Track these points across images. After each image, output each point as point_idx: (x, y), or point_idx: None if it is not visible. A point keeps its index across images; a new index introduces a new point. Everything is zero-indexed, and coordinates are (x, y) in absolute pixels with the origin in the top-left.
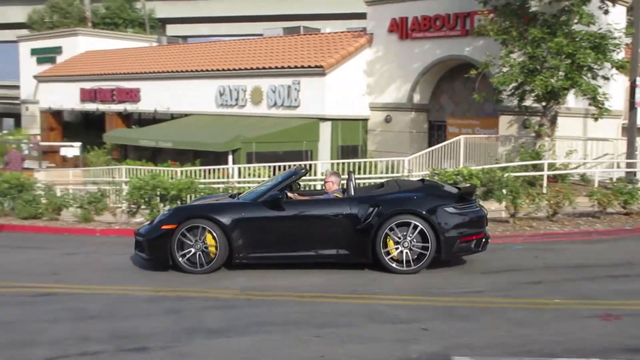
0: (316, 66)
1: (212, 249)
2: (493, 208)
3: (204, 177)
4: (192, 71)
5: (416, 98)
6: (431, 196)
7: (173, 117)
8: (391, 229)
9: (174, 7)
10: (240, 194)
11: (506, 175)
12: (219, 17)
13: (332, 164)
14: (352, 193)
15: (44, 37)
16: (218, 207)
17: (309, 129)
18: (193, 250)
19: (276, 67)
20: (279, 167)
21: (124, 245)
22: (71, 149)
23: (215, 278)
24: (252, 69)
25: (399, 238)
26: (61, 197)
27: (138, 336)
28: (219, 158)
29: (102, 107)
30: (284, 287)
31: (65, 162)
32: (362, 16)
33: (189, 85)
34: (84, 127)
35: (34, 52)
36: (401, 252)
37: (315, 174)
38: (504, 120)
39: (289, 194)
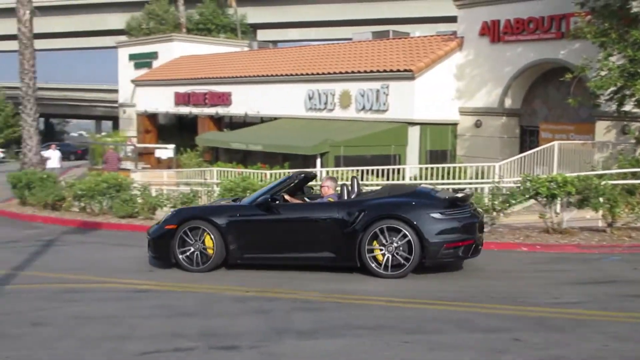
0: (405, 70)
1: (210, 250)
2: (588, 217)
3: None
4: (282, 75)
5: (507, 102)
6: (417, 202)
7: (263, 120)
8: (376, 234)
9: (265, 12)
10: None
11: (603, 183)
12: (309, 22)
13: (420, 169)
14: (345, 198)
15: (141, 43)
16: (216, 210)
17: (397, 133)
18: (192, 249)
19: (365, 71)
20: (367, 171)
21: None
22: (165, 151)
23: (304, 281)
24: (341, 73)
25: (385, 243)
26: (156, 197)
27: (228, 335)
28: (307, 161)
29: (195, 110)
30: (372, 292)
31: (159, 164)
32: (451, 20)
33: (279, 89)
34: (178, 130)
35: (131, 57)
36: (387, 256)
37: (403, 179)
38: (600, 125)
39: (286, 197)
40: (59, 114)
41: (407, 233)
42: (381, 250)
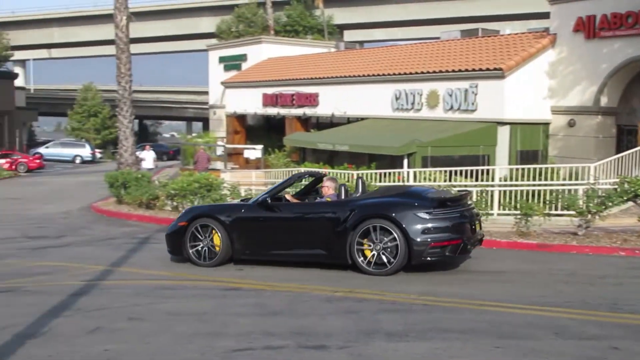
0: (495, 69)
1: (217, 247)
2: None
3: (380, 181)
4: (368, 76)
5: (603, 101)
6: (405, 202)
7: (349, 120)
8: (365, 233)
9: (351, 13)
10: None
11: None
12: (395, 22)
13: (510, 170)
14: (343, 198)
15: (231, 46)
16: (223, 208)
17: (486, 133)
18: (201, 245)
19: (453, 71)
20: (455, 171)
21: None
22: (253, 151)
23: (391, 282)
24: (428, 72)
25: (373, 241)
26: (245, 197)
27: (317, 334)
28: (394, 162)
29: (283, 111)
30: (462, 295)
31: (247, 164)
32: (543, 16)
33: (366, 90)
34: (266, 131)
35: (221, 59)
36: (374, 254)
37: (492, 179)
38: None
39: (287, 197)
40: (152, 116)
41: (393, 232)
42: (370, 248)
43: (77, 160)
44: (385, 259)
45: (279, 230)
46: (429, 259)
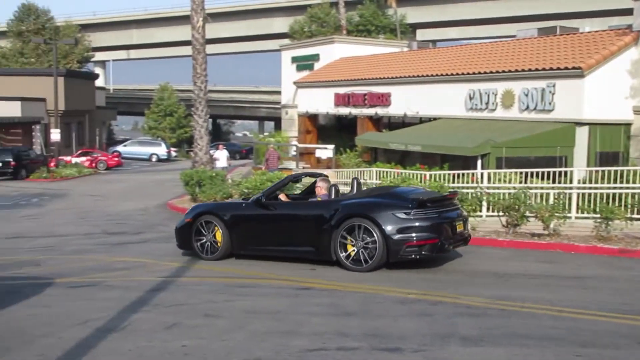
0: (573, 67)
1: (219, 244)
2: None
3: (453, 182)
4: (441, 75)
5: None
6: (385, 202)
7: (422, 120)
8: (348, 231)
9: (424, 11)
10: None
11: None
12: (469, 20)
13: (589, 172)
14: (332, 197)
15: (303, 46)
16: (224, 206)
17: (563, 134)
18: (205, 239)
19: (529, 70)
20: (531, 173)
21: None
22: (325, 151)
23: (466, 285)
24: (503, 71)
25: (355, 239)
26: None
27: (391, 336)
28: (467, 162)
29: (355, 111)
30: (539, 300)
31: (319, 163)
32: (624, 12)
33: (438, 89)
34: (337, 130)
35: (294, 59)
36: (355, 251)
37: (570, 182)
38: None
39: (281, 196)
40: (226, 115)
41: (372, 230)
42: (352, 244)
43: (154, 159)
44: (362, 257)
45: (271, 228)
46: (406, 257)
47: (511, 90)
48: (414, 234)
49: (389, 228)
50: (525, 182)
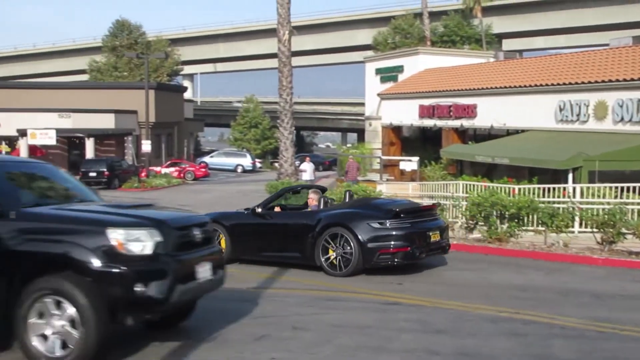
0: None
1: (222, 251)
2: None
3: (543, 196)
4: (529, 86)
5: None
6: (362, 212)
7: (509, 132)
8: (331, 238)
9: (511, 21)
10: None
11: None
12: (557, 29)
13: None
14: (321, 208)
15: (387, 57)
16: (226, 215)
17: None
18: None
19: (624, 80)
20: (627, 188)
21: (462, 261)
22: (409, 163)
23: (561, 306)
24: (596, 82)
25: (336, 246)
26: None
27: (482, 356)
28: (557, 176)
29: (440, 123)
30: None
31: (402, 176)
32: None
33: (526, 101)
34: (421, 142)
35: (378, 71)
36: (335, 257)
37: None
38: None
39: (276, 208)
40: (309, 127)
41: (348, 239)
42: (333, 251)
43: (239, 170)
44: (339, 263)
45: (265, 236)
46: (380, 264)
47: (604, 101)
48: (386, 243)
49: (363, 237)
50: (621, 197)
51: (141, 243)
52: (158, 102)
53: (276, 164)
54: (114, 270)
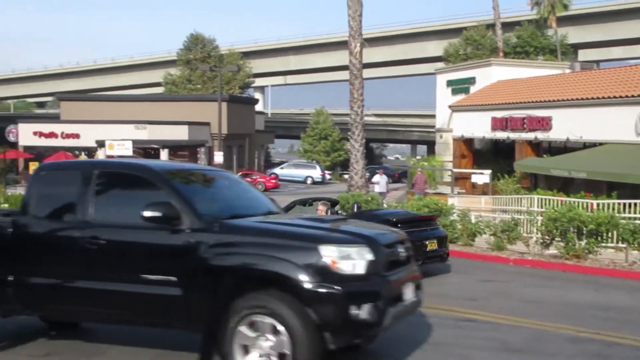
0: None
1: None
2: None
3: (623, 211)
4: (608, 97)
5: None
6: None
7: (585, 145)
8: None
9: (586, 31)
10: None
11: None
12: (636, 39)
13: None
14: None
15: (459, 69)
16: None
17: None
18: None
19: None
20: None
21: (539, 278)
22: (481, 176)
23: None
24: None
25: None
26: (475, 224)
27: None
28: (637, 191)
29: (513, 135)
30: None
31: (474, 189)
32: None
33: (604, 113)
34: (493, 155)
35: (449, 83)
36: None
37: None
38: None
39: None
40: (378, 139)
41: None
42: None
43: (308, 181)
44: None
45: None
46: None
47: None
48: None
49: None
50: None
51: (353, 261)
52: (230, 114)
53: (346, 176)
54: (328, 290)
